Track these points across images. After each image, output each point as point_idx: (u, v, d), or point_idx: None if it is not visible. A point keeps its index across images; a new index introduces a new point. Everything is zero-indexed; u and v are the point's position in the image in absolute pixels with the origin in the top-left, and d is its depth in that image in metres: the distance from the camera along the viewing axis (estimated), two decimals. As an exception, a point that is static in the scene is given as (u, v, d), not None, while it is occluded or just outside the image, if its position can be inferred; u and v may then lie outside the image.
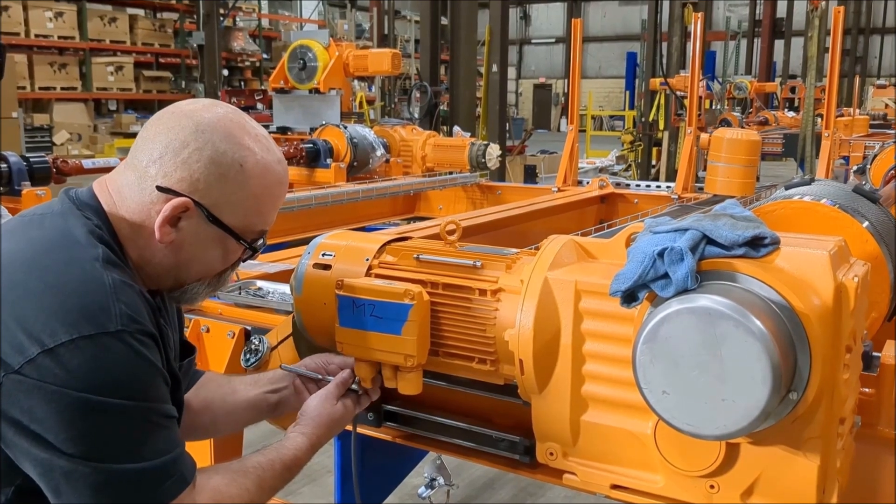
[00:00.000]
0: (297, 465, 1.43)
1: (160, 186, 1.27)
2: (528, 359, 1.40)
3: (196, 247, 1.33)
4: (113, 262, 1.24)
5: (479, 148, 5.45)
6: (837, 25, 5.05)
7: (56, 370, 1.12)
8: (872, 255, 1.76)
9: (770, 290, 1.21)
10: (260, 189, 1.33)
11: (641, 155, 14.00)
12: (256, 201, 1.33)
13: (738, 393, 1.15)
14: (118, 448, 1.16)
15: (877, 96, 19.73)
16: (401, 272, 1.59)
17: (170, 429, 1.23)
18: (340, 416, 1.53)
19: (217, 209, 1.30)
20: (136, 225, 1.30)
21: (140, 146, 1.31)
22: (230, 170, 1.29)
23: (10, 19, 12.47)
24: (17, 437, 1.14)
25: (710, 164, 4.30)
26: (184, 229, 1.30)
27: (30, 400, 1.12)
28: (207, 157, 1.27)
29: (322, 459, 4.24)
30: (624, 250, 1.36)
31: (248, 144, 1.31)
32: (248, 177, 1.31)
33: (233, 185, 1.30)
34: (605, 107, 31.85)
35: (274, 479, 1.38)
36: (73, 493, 1.14)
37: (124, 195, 1.31)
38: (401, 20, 20.27)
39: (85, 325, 1.14)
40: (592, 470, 1.44)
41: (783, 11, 23.89)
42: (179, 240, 1.31)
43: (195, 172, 1.27)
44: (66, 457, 1.13)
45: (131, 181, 1.30)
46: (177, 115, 1.31)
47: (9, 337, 1.13)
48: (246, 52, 17.07)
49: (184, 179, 1.27)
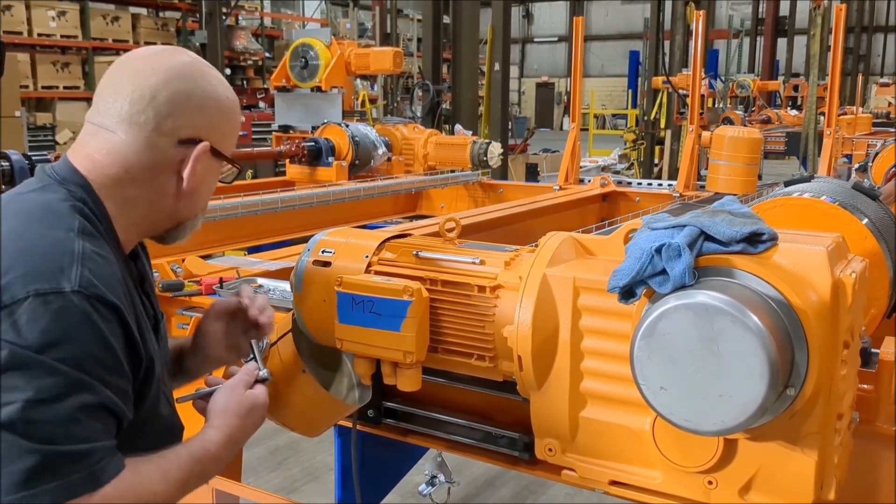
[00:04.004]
0: (208, 457, 1.32)
1: (182, 139, 1.31)
2: (526, 355, 1.41)
3: (204, 183, 1.39)
4: (90, 232, 1.24)
5: (481, 146, 5.45)
6: (839, 23, 5.05)
7: (7, 326, 1.11)
8: (872, 251, 1.76)
9: (767, 286, 1.21)
10: (237, 112, 1.44)
11: (644, 153, 13.99)
12: (238, 126, 1.45)
13: (736, 388, 1.15)
14: (34, 416, 1.10)
15: (880, 94, 19.70)
16: (400, 269, 1.60)
17: (99, 418, 1.16)
18: (252, 403, 1.40)
19: (222, 144, 1.38)
20: (143, 183, 1.31)
21: (121, 107, 1.30)
22: (223, 101, 1.38)
23: (12, 18, 12.49)
24: None
25: (711, 163, 4.30)
26: (198, 171, 1.35)
27: None
28: (208, 97, 1.35)
29: (324, 457, 4.27)
30: (622, 247, 1.36)
31: (222, 79, 1.42)
32: (234, 107, 1.42)
33: (229, 118, 1.40)
34: (607, 105, 31.82)
35: (180, 470, 1.27)
36: None
37: (119, 160, 1.30)
38: (403, 19, 20.28)
39: (41, 282, 1.14)
40: (591, 466, 1.45)
41: (786, 10, 23.88)
42: (196, 183, 1.36)
43: (206, 115, 1.34)
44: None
45: (128, 144, 1.30)
46: (156, 70, 1.32)
47: None
48: (248, 50, 17.07)
49: (199, 126, 1.33)
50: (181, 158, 1.32)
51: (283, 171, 5.65)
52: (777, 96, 18.71)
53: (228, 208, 3.68)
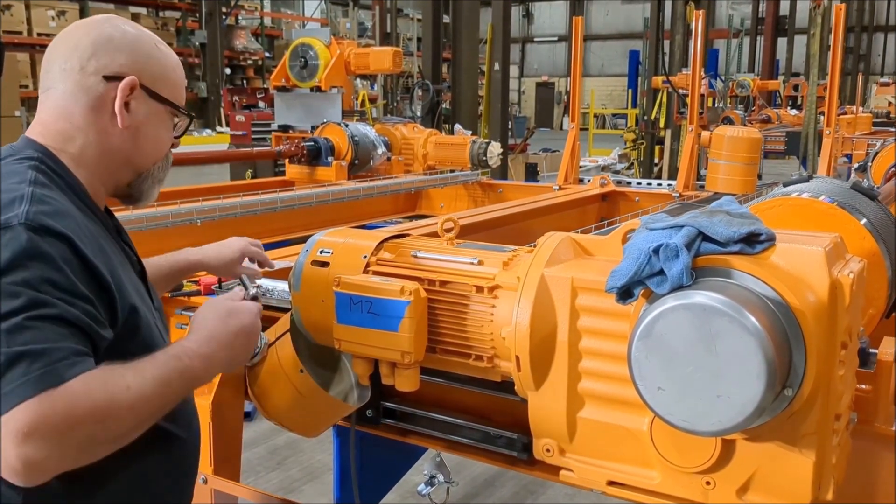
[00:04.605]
0: (185, 353, 1.31)
1: (107, 76, 1.40)
2: (524, 355, 1.40)
3: (148, 126, 1.45)
4: (42, 182, 1.32)
5: (481, 146, 5.44)
6: (839, 23, 5.05)
7: None
8: (870, 252, 1.76)
9: (765, 287, 1.21)
10: (175, 62, 1.52)
11: (644, 153, 13.99)
12: (176, 73, 1.51)
13: (734, 389, 1.15)
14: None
15: (880, 94, 19.71)
16: (398, 269, 1.60)
17: (62, 328, 1.18)
18: (231, 308, 1.42)
19: (155, 85, 1.45)
20: (85, 127, 1.41)
21: (56, 66, 1.41)
22: (151, 48, 1.47)
23: (12, 18, 12.50)
24: None
25: (711, 162, 4.30)
26: (135, 110, 1.43)
27: None
28: (132, 40, 1.44)
29: (323, 457, 4.27)
30: (620, 247, 1.36)
31: (151, 34, 1.51)
32: (165, 52, 1.50)
33: (160, 60, 1.47)
34: (607, 105, 31.82)
35: (156, 367, 1.26)
36: None
37: (61, 112, 1.40)
38: (403, 18, 20.28)
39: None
40: (589, 466, 1.44)
41: (786, 9, 23.86)
42: (135, 123, 1.43)
43: (130, 54, 1.42)
44: None
45: (65, 94, 1.40)
46: (79, 28, 1.45)
47: None
48: (248, 50, 17.09)
49: (124, 64, 1.41)
50: (113, 96, 1.40)
51: (283, 171, 5.65)
52: (777, 96, 18.71)
53: (227, 208, 3.68)
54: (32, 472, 1.14)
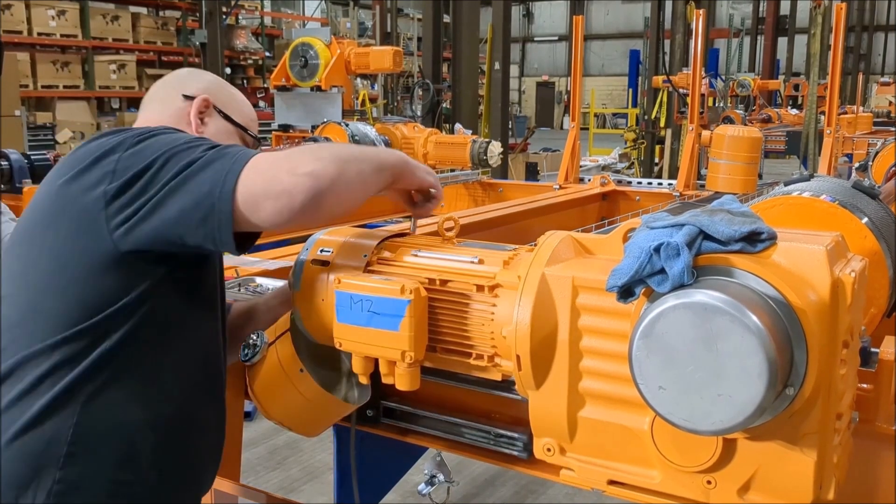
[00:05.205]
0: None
1: (185, 95, 1.71)
2: (525, 355, 1.40)
3: (218, 139, 1.63)
4: None
5: (481, 145, 5.44)
6: (840, 22, 5.04)
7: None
8: (871, 251, 1.76)
9: (766, 286, 1.20)
10: (244, 100, 1.83)
11: (644, 153, 13.99)
12: (246, 107, 1.81)
13: (735, 388, 1.14)
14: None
15: (880, 94, 19.73)
16: (398, 268, 1.59)
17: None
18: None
19: (226, 109, 1.75)
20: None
21: (151, 95, 1.77)
22: (224, 84, 1.81)
23: (12, 17, 12.49)
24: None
25: (711, 162, 4.30)
26: (209, 125, 1.72)
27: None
28: (209, 77, 1.79)
29: (323, 457, 4.27)
30: (621, 246, 1.35)
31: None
32: (236, 91, 1.83)
33: (231, 93, 1.80)
34: (608, 104, 31.82)
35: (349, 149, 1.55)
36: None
37: (148, 123, 1.67)
38: (403, 18, 20.28)
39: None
40: (589, 466, 1.44)
41: (786, 9, 23.87)
42: (207, 133, 1.69)
43: (206, 83, 1.75)
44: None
45: (153, 110, 1.72)
46: (171, 73, 1.83)
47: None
48: (249, 50, 17.08)
49: (199, 88, 1.73)
50: (189, 111, 1.69)
51: (283, 171, 5.63)
52: (777, 95, 18.71)
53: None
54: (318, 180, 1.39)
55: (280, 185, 1.37)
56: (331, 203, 1.42)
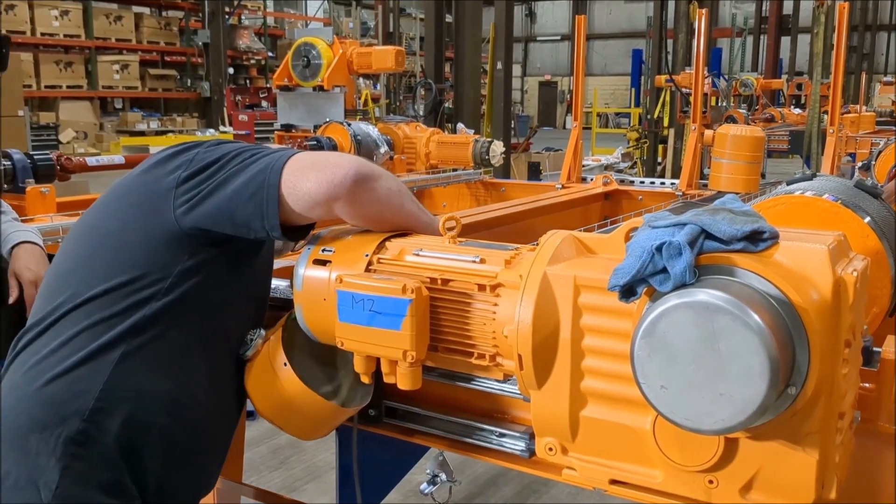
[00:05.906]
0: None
1: None
2: (527, 354, 1.40)
3: None
4: None
5: (483, 145, 5.43)
6: (843, 22, 5.03)
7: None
8: (873, 250, 1.75)
9: (768, 285, 1.20)
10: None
11: (647, 152, 13.98)
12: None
13: (736, 387, 1.14)
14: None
15: (883, 93, 19.70)
16: (400, 267, 1.59)
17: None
18: None
19: None
20: None
21: None
22: None
23: (15, 18, 12.51)
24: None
25: (714, 161, 4.28)
26: None
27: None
28: None
29: (326, 456, 4.27)
30: (623, 245, 1.35)
31: None
32: None
33: None
34: (610, 104, 31.80)
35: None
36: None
37: None
38: (406, 18, 20.29)
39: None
40: (591, 465, 1.44)
41: (789, 8, 23.84)
42: None
43: None
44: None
45: None
46: None
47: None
48: (251, 50, 17.10)
49: None
50: None
51: (286, 171, 5.63)
52: (780, 95, 18.67)
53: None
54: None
55: (328, 162, 1.53)
56: (367, 191, 1.55)
